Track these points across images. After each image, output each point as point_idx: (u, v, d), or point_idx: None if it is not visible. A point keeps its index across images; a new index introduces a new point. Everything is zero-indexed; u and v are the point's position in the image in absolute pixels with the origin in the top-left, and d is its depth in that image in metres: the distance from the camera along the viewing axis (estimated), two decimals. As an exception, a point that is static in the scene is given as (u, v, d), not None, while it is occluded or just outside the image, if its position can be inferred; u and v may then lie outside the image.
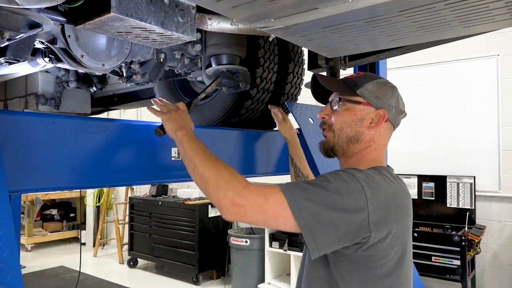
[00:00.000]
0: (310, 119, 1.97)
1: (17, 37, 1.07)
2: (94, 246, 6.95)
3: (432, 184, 4.32)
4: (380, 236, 1.03)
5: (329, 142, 1.22)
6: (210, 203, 5.43)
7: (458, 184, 4.19)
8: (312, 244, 0.98)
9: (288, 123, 1.71)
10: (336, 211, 0.98)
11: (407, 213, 1.13)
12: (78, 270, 3.80)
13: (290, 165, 1.66)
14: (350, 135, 1.18)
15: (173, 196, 6.02)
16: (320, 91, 1.29)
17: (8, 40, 1.07)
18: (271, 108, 1.74)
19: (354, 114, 1.18)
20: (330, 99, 1.26)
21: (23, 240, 6.67)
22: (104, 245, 7.22)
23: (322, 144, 1.25)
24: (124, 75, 1.78)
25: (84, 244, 7.33)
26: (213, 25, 1.37)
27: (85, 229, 7.48)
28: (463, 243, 3.66)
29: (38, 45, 1.39)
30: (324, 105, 1.29)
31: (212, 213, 5.44)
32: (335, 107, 1.21)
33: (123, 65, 1.74)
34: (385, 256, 1.06)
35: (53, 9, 1.10)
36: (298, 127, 1.93)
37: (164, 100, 1.38)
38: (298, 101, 2.09)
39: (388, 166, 1.22)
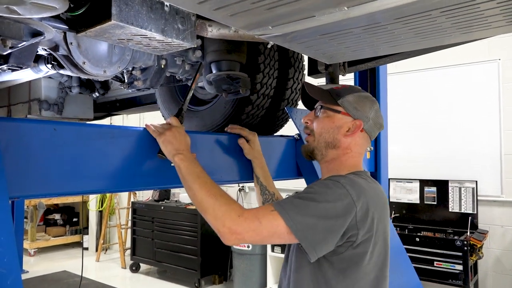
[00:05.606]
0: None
1: (19, 45, 1.09)
2: (96, 250, 6.96)
3: (434, 189, 4.30)
4: (367, 233, 1.12)
5: (310, 146, 1.32)
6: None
7: (460, 188, 4.17)
8: (313, 252, 1.09)
9: (255, 145, 1.67)
10: (329, 219, 1.08)
11: (387, 212, 1.25)
12: (80, 274, 3.81)
13: (255, 184, 1.68)
14: (328, 140, 1.27)
15: (176, 201, 6.02)
16: (308, 99, 1.40)
17: (10, 48, 1.09)
18: (237, 133, 1.68)
19: (333, 122, 1.27)
20: (315, 106, 1.36)
21: (26, 244, 6.68)
22: (106, 250, 7.23)
23: (303, 147, 1.35)
24: (126, 81, 1.80)
25: (87, 248, 7.33)
26: (213, 32, 1.39)
27: (87, 233, 7.49)
28: (466, 248, 3.64)
29: (40, 51, 1.41)
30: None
31: (214, 217, 5.43)
32: (317, 114, 1.31)
33: (124, 71, 1.76)
34: (371, 252, 1.16)
35: (55, 17, 1.12)
36: (298, 132, 1.94)
37: (154, 124, 1.38)
38: (298, 107, 2.09)
39: (364, 170, 1.32)
